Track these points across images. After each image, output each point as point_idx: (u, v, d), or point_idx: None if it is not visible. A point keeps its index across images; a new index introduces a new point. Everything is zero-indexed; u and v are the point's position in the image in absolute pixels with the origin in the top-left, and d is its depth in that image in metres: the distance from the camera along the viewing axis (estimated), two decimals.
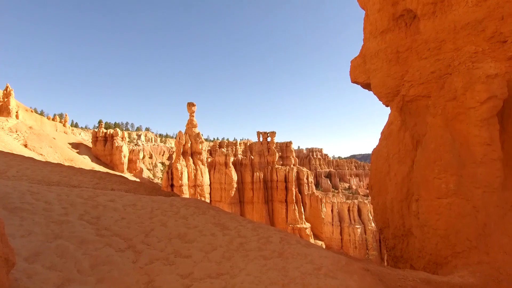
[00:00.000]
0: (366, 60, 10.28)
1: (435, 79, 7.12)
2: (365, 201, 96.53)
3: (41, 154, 18.91)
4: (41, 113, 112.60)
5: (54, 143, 21.37)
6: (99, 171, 12.93)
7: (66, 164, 19.95)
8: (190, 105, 62.53)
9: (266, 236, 6.40)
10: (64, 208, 6.23)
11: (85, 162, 23.69)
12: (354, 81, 11.25)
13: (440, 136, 6.30)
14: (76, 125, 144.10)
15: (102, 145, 74.35)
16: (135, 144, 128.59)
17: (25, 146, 18.79)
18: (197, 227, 6.59)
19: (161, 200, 8.85)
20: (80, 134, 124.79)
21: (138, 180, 63.35)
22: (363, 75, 10.48)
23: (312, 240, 68.14)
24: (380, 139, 9.57)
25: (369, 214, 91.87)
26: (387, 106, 9.83)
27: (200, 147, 62.65)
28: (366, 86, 11.08)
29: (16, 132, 19.04)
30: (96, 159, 71.80)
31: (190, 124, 63.55)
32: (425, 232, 6.33)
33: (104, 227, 5.57)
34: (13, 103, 50.35)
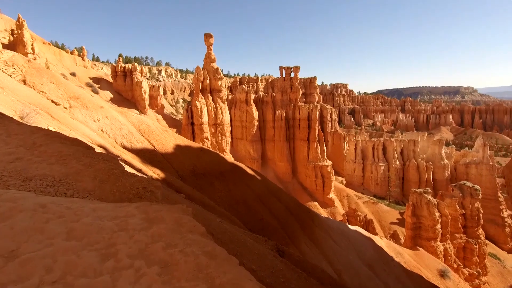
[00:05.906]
0: None
1: None
2: (392, 139, 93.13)
3: (42, 92, 17.67)
4: (62, 47, 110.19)
5: (57, 79, 19.95)
6: (41, 131, 8.58)
7: (71, 102, 18.69)
8: (207, 36, 57.28)
9: None
10: None
11: (93, 101, 22.44)
12: None
13: None
14: (97, 59, 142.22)
15: (122, 80, 73.18)
16: (156, 80, 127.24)
17: (24, 82, 17.49)
18: None
19: (97, 228, 3.59)
20: (102, 68, 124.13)
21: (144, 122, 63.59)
22: None
23: (332, 177, 68.53)
24: None
25: (395, 152, 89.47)
26: None
27: (219, 84, 59.77)
28: None
29: (13, 66, 17.61)
30: (118, 94, 71.82)
31: (208, 59, 59.50)
32: None
33: None
34: (27, 35, 48.50)
